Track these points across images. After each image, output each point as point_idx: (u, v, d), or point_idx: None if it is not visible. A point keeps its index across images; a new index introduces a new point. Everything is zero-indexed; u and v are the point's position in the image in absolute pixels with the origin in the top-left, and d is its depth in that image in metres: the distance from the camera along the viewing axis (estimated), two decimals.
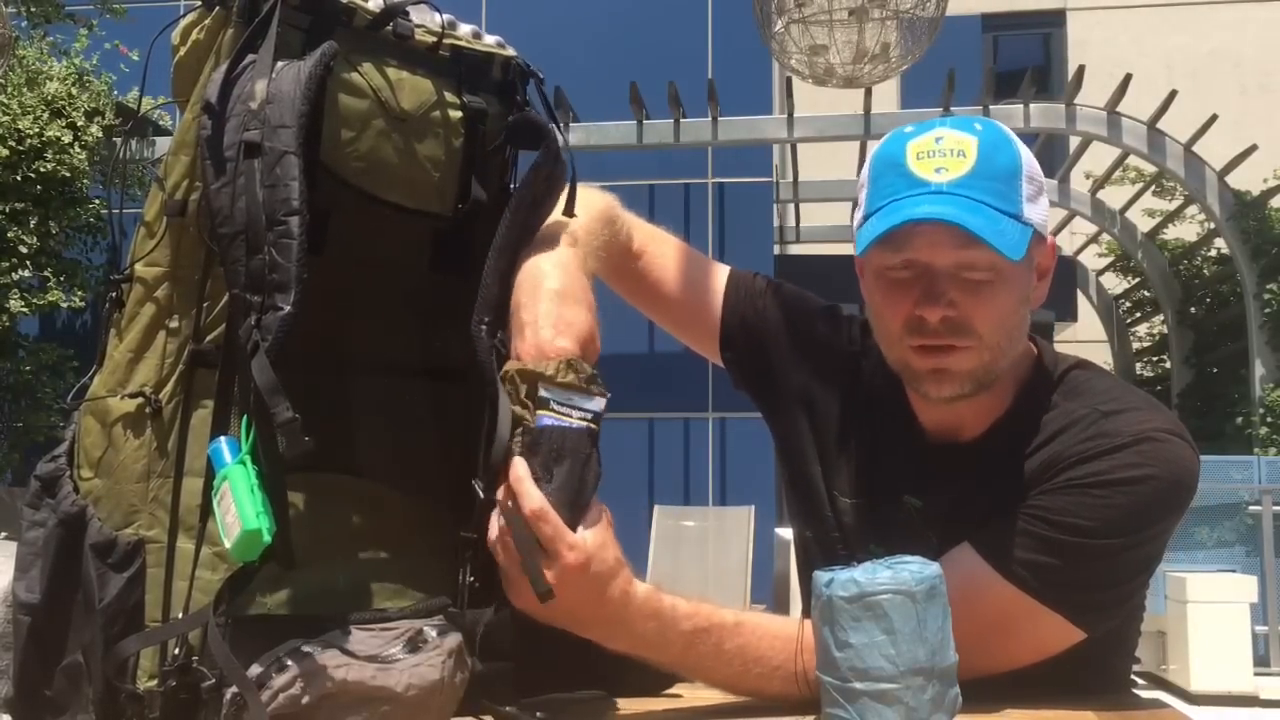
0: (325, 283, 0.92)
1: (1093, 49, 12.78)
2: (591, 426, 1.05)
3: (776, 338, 1.48)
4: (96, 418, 1.01)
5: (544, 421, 1.03)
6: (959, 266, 1.21)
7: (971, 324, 1.22)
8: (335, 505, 1.03)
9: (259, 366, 0.88)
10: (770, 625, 1.20)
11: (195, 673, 0.93)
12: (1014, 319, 1.25)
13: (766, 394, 1.50)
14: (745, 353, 1.49)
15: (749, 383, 1.52)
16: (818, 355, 1.46)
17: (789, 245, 11.49)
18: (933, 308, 1.21)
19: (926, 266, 1.22)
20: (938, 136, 1.24)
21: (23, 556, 1.01)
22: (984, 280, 1.22)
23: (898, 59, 6.39)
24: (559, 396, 1.03)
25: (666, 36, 8.84)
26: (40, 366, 7.94)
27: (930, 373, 1.25)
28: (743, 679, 1.20)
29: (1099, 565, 1.21)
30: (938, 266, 1.22)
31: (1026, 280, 1.27)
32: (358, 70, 1.02)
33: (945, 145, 1.23)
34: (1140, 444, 1.21)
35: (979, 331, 1.22)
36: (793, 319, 1.49)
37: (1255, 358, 8.58)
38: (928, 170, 1.22)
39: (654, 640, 1.13)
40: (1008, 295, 1.23)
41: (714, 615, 1.17)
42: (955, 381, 1.24)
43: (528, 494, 1.01)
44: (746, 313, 1.49)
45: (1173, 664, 6.91)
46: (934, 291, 1.21)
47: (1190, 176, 8.68)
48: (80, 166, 7.77)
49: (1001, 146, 1.23)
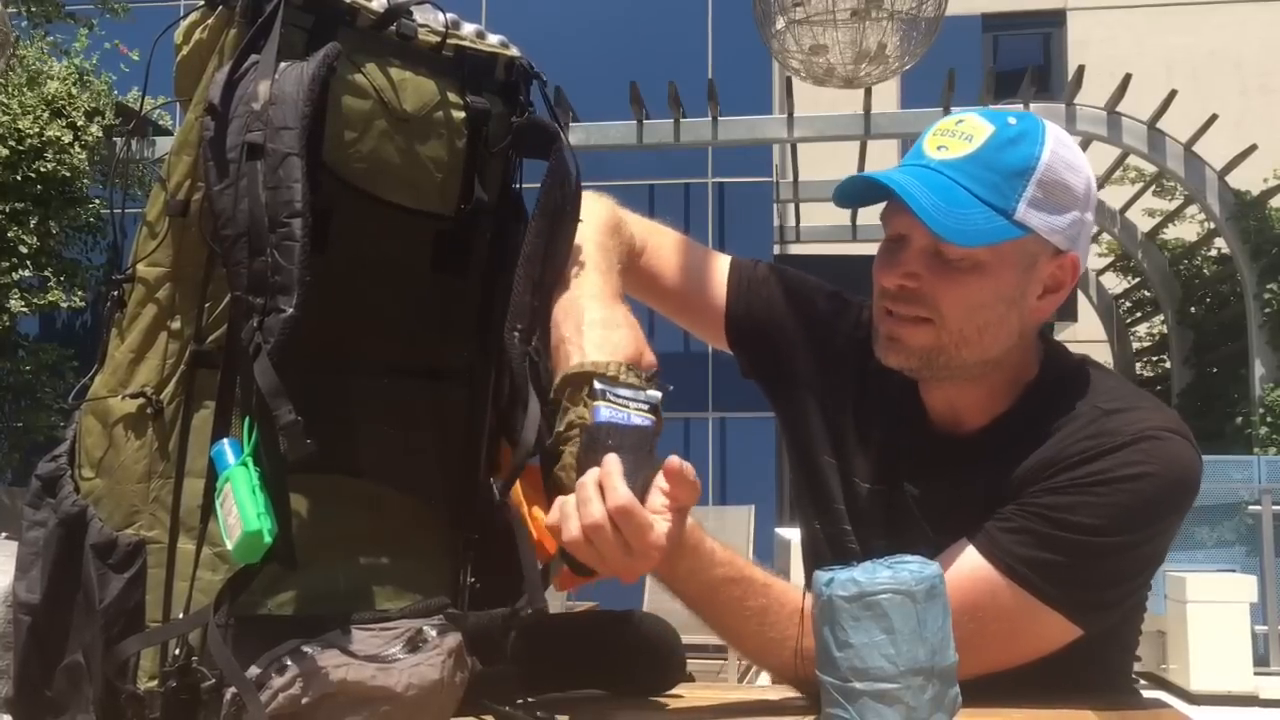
0: (327, 283, 0.92)
1: (1093, 49, 12.78)
2: (651, 419, 1.05)
3: (782, 323, 1.48)
4: (97, 418, 1.01)
5: (601, 415, 1.04)
6: (932, 245, 1.23)
7: (935, 300, 1.24)
8: (335, 506, 1.03)
9: (261, 369, 0.88)
10: (793, 596, 1.21)
11: (195, 673, 0.93)
12: (987, 313, 1.25)
13: (775, 380, 1.50)
14: (752, 340, 1.50)
15: (757, 370, 1.52)
16: (826, 339, 1.46)
17: (789, 245, 11.49)
18: (890, 273, 1.26)
19: (900, 239, 1.26)
20: (960, 119, 1.26)
21: (23, 556, 1.01)
22: (958, 264, 1.23)
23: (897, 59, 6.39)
24: (614, 390, 1.05)
25: (666, 36, 8.85)
26: (40, 366, 7.95)
27: (884, 338, 1.29)
28: (755, 639, 1.22)
29: (1100, 563, 1.21)
30: (909, 240, 1.25)
31: (1014, 281, 1.25)
32: (361, 70, 1.02)
33: (962, 128, 1.25)
34: (1142, 442, 1.21)
35: (941, 310, 1.24)
36: (798, 303, 1.49)
37: (1255, 358, 8.58)
38: (932, 147, 1.25)
39: (682, 575, 1.17)
40: (982, 286, 1.23)
41: (746, 569, 1.20)
42: (904, 353, 1.27)
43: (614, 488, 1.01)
44: (751, 299, 1.50)
45: (1173, 664, 6.91)
46: (895, 260, 1.26)
47: (1190, 176, 8.69)
48: (80, 166, 7.78)
49: (1023, 142, 1.23)
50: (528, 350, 1.09)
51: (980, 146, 1.22)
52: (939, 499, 1.30)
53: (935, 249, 1.23)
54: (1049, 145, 1.24)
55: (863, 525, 1.38)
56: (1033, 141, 1.23)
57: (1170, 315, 10.37)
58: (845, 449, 1.41)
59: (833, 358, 1.45)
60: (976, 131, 1.23)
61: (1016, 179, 1.22)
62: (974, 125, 1.24)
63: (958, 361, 1.27)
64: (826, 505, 1.42)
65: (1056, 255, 1.26)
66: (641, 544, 1.02)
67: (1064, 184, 1.24)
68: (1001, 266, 1.23)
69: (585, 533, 1.02)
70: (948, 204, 1.19)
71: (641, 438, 1.05)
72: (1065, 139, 1.27)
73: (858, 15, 6.22)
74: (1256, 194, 8.81)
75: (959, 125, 1.25)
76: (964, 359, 1.26)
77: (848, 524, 1.40)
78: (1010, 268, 1.24)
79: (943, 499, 1.30)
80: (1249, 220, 8.64)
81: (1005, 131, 1.23)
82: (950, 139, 1.24)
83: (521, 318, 1.10)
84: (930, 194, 1.19)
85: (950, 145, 1.23)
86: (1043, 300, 1.28)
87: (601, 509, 1.01)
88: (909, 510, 1.33)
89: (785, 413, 1.49)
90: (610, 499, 1.01)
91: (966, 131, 1.24)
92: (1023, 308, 1.27)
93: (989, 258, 1.22)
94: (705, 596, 1.19)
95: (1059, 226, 1.24)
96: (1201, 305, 10.45)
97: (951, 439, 1.33)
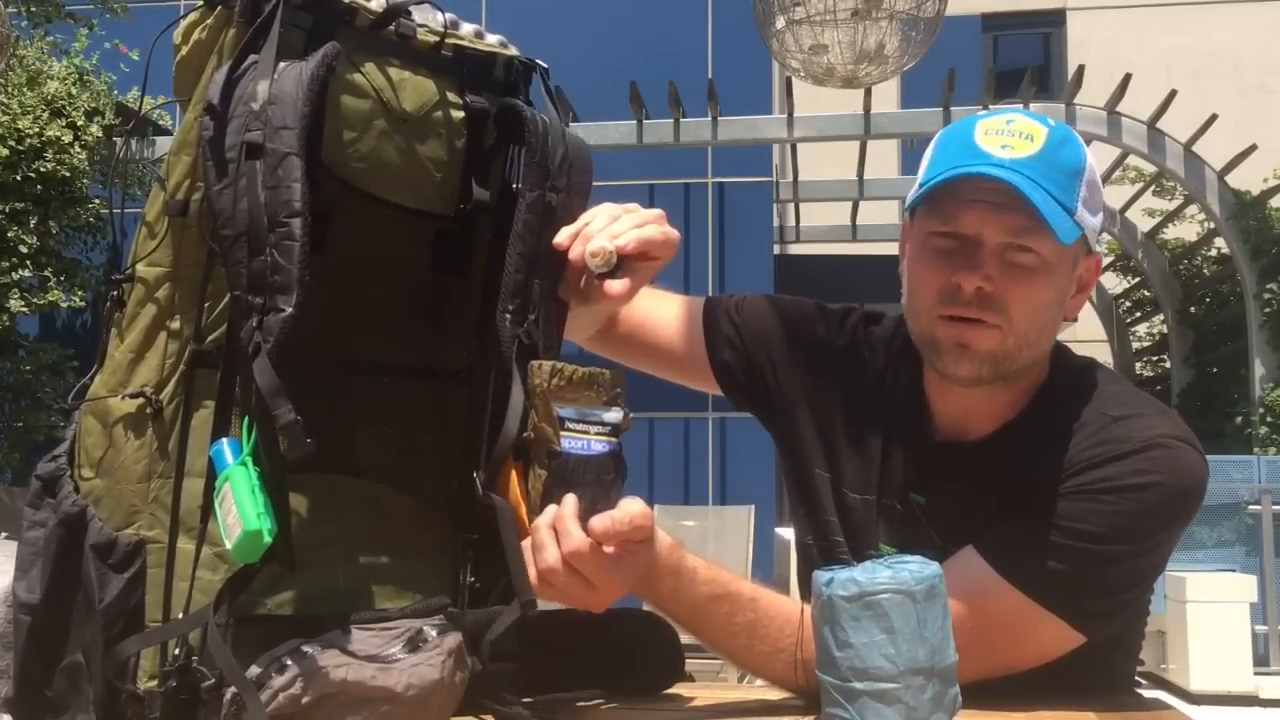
0: (326, 283, 0.92)
1: (1093, 49, 12.77)
2: (612, 444, 1.05)
3: (764, 346, 1.48)
4: (97, 418, 1.01)
5: (566, 446, 1.03)
6: (1005, 246, 1.22)
7: (1005, 303, 1.22)
8: (335, 506, 1.03)
9: (260, 368, 0.88)
10: (784, 607, 1.21)
11: (195, 673, 0.93)
12: (1047, 315, 1.25)
13: (766, 404, 1.49)
14: (738, 371, 1.49)
15: (748, 399, 1.51)
16: (813, 353, 1.46)
17: (789, 245, 11.48)
18: (970, 276, 1.21)
19: (973, 239, 1.22)
20: (1009, 119, 1.24)
21: (23, 556, 1.01)
22: (1027, 265, 1.22)
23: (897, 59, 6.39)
24: (575, 414, 1.04)
25: (666, 36, 8.84)
26: (40, 366, 7.94)
27: (953, 346, 1.24)
28: (746, 654, 1.22)
29: (1104, 571, 1.21)
30: (985, 240, 1.22)
31: (1067, 281, 1.26)
32: (360, 70, 1.02)
33: (1016, 128, 1.23)
34: (1149, 450, 1.20)
35: (1010, 313, 1.22)
36: (777, 322, 1.48)
37: (1255, 357, 8.58)
38: (994, 145, 1.22)
39: (666, 595, 1.16)
40: (1047, 287, 1.23)
41: (731, 585, 1.19)
42: (975, 360, 1.24)
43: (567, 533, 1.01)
44: (728, 332, 1.49)
45: (1173, 664, 6.91)
46: (975, 261, 1.21)
47: (1190, 176, 8.68)
48: (80, 166, 7.77)
49: (1070, 144, 1.24)
50: (517, 334, 1.07)
51: (1043, 147, 1.21)
52: (946, 507, 1.30)
53: (1005, 249, 1.22)
54: (1081, 144, 1.26)
55: (855, 536, 1.38)
56: (1075, 144, 1.25)
57: (1170, 315, 10.37)
58: (838, 460, 1.41)
59: (820, 370, 1.44)
60: (1032, 131, 1.23)
61: (1075, 179, 1.22)
62: (1027, 125, 1.23)
63: (1018, 364, 1.26)
64: (819, 518, 1.42)
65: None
66: (603, 580, 1.03)
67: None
68: (1061, 266, 1.24)
69: (542, 576, 1.02)
70: (1047, 204, 1.18)
71: (602, 468, 1.05)
72: None
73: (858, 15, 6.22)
74: (1256, 194, 8.80)
75: (1010, 125, 1.23)
76: (1023, 361, 1.26)
77: (839, 536, 1.39)
78: (1065, 267, 1.25)
79: (950, 507, 1.30)
80: (1249, 220, 8.64)
81: (1055, 133, 1.23)
82: (1011, 139, 1.22)
83: (514, 298, 1.07)
84: (1035, 194, 1.18)
85: (1014, 145, 1.21)
86: (1075, 299, 1.29)
87: (556, 554, 1.01)
88: (915, 519, 1.32)
89: (779, 433, 1.49)
90: (564, 544, 1.01)
91: (1024, 131, 1.22)
92: (1065, 307, 1.28)
93: (1054, 259, 1.22)
94: (692, 615, 1.19)
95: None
96: (1201, 305, 10.44)
97: (959, 447, 1.33)
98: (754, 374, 1.48)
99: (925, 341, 1.29)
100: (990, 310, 1.22)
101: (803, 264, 10.84)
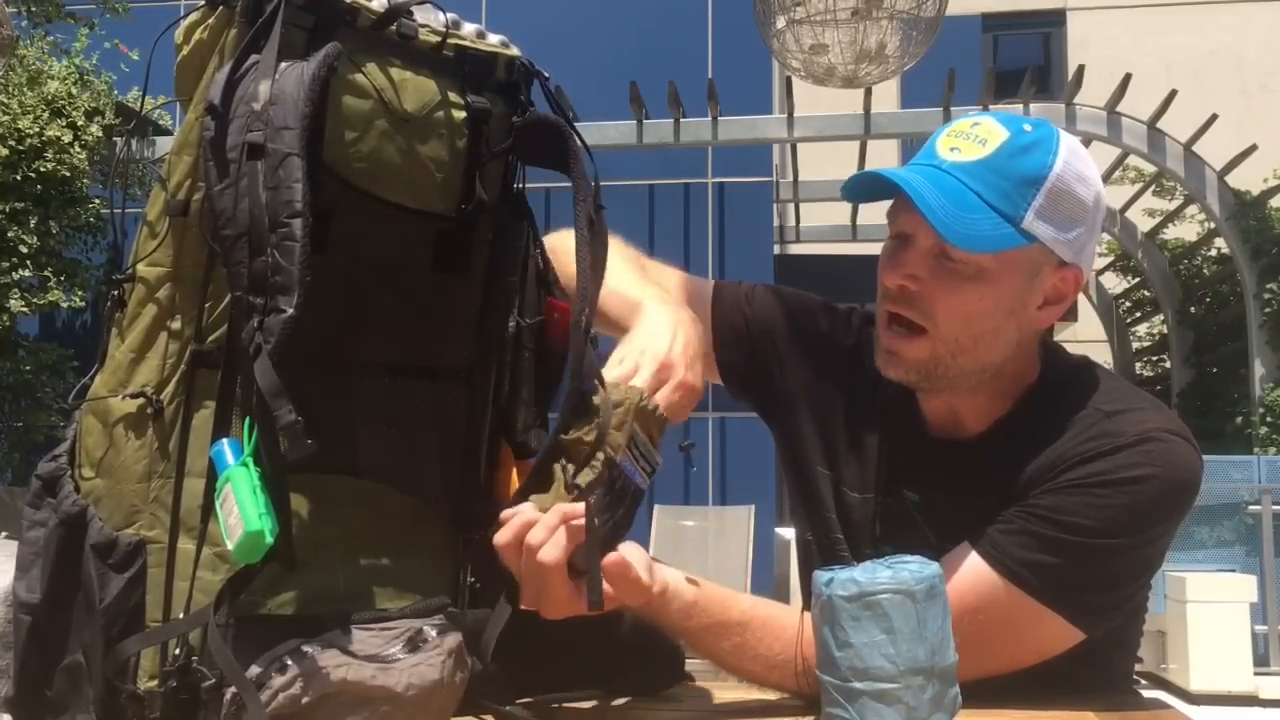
0: (327, 283, 0.92)
1: (1093, 49, 12.78)
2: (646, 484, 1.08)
3: (770, 339, 1.48)
4: (98, 418, 1.01)
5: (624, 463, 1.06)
6: (936, 250, 1.22)
7: (931, 306, 1.23)
8: (335, 506, 1.03)
9: (261, 369, 0.88)
10: (774, 624, 1.21)
11: (195, 673, 0.93)
12: (985, 322, 1.24)
13: (766, 398, 1.49)
14: (740, 360, 1.49)
15: (747, 390, 1.51)
16: (816, 350, 1.46)
17: (789, 245, 11.49)
18: (890, 273, 1.25)
19: (906, 239, 1.25)
20: (975, 122, 1.25)
21: (23, 556, 1.01)
22: (960, 272, 1.22)
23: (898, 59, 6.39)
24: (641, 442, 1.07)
25: (666, 36, 8.84)
26: (40, 366, 7.94)
27: (884, 351, 1.28)
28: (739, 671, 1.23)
29: (1101, 566, 1.21)
30: (915, 240, 1.24)
31: (1016, 290, 1.25)
32: (361, 70, 1.02)
33: (977, 130, 1.24)
34: (1144, 444, 1.21)
35: (936, 317, 1.23)
36: (785, 317, 1.49)
37: (1255, 357, 8.58)
38: (944, 148, 1.24)
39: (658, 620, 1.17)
40: (982, 294, 1.23)
41: (719, 614, 1.19)
42: (903, 367, 1.27)
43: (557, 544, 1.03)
44: (735, 320, 1.49)
45: (1173, 664, 6.91)
46: (898, 259, 1.25)
47: (1190, 176, 8.68)
48: (80, 166, 7.77)
49: (1036, 153, 1.22)
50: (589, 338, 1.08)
51: (993, 151, 1.21)
52: (942, 505, 1.30)
53: (939, 252, 1.22)
54: (1062, 156, 1.23)
55: (855, 534, 1.38)
56: (1046, 151, 1.23)
57: (1170, 315, 10.37)
58: (838, 458, 1.41)
59: (824, 368, 1.45)
60: (991, 136, 1.22)
61: (1027, 187, 1.21)
62: (989, 129, 1.23)
63: (955, 371, 1.26)
64: (819, 515, 1.42)
65: (1061, 266, 1.26)
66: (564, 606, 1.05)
67: (1073, 195, 1.23)
68: (1004, 275, 1.23)
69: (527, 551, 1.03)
70: (956, 207, 1.18)
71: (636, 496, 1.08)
72: (1080, 151, 1.26)
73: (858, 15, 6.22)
74: (1256, 194, 8.80)
75: (974, 128, 1.24)
76: (961, 368, 1.26)
77: (839, 533, 1.40)
78: (1013, 276, 1.23)
79: (945, 505, 1.30)
80: (1249, 220, 8.64)
81: (1020, 138, 1.22)
82: (964, 141, 1.23)
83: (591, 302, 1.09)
84: (940, 195, 1.19)
85: (964, 148, 1.22)
86: (1043, 310, 1.27)
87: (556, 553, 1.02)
88: (911, 518, 1.32)
89: (779, 427, 1.49)
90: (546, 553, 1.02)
91: (981, 135, 1.23)
92: (1022, 317, 1.26)
93: (993, 265, 1.22)
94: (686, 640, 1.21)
95: (1065, 238, 1.23)
96: (1201, 305, 10.44)
97: (953, 444, 1.33)
98: (757, 369, 1.48)
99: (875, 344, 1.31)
100: (915, 310, 1.24)
101: (803, 264, 10.84)
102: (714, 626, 1.18)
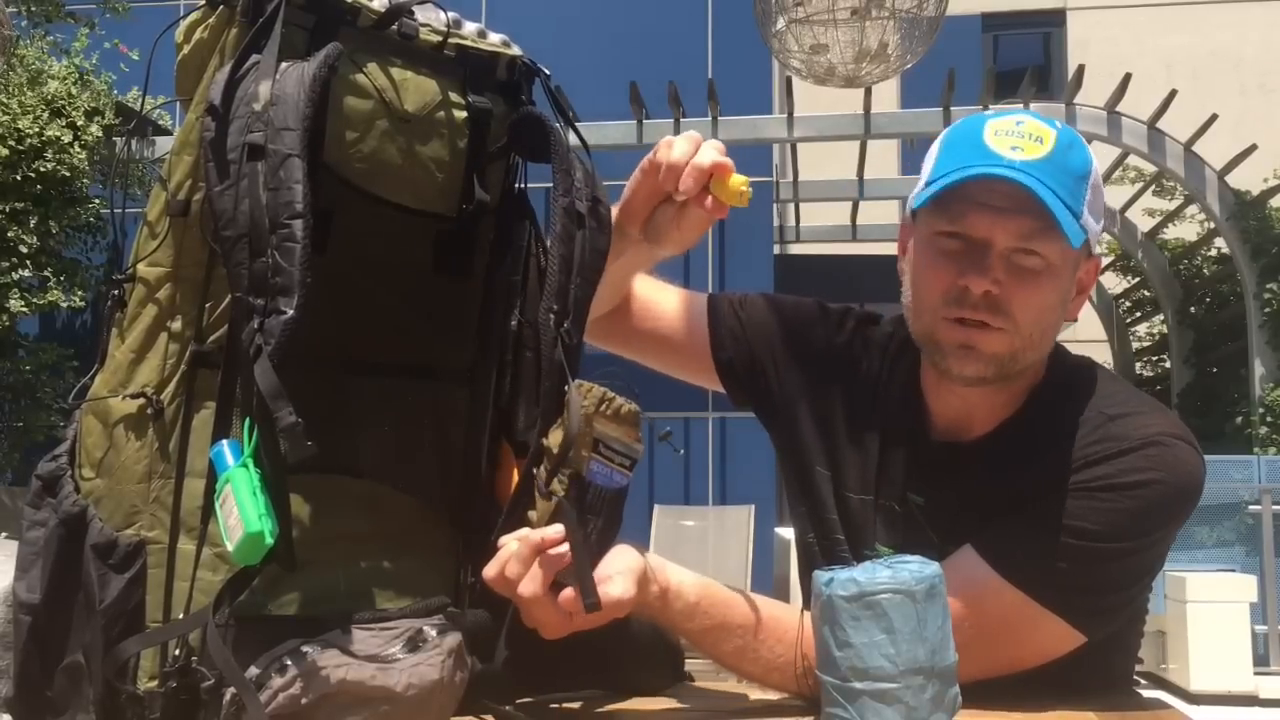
0: (328, 284, 0.92)
1: (1093, 49, 12.77)
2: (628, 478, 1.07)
3: (766, 343, 1.48)
4: (98, 418, 1.01)
5: (594, 469, 1.05)
6: (1012, 250, 1.21)
7: (1010, 307, 1.22)
8: (335, 506, 1.03)
9: (261, 370, 0.88)
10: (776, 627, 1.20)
11: (195, 673, 0.93)
12: (1051, 316, 1.25)
13: (765, 402, 1.49)
14: (740, 360, 1.49)
15: (748, 395, 1.51)
16: (813, 353, 1.46)
17: (789, 245, 11.48)
18: (979, 279, 1.21)
19: (981, 242, 1.22)
20: (1019, 120, 1.24)
21: (23, 556, 1.01)
22: (1033, 268, 1.22)
23: (898, 58, 6.39)
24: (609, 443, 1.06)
25: (666, 36, 8.84)
26: (40, 366, 7.94)
27: (959, 348, 1.24)
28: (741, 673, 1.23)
29: (1103, 569, 1.21)
30: (994, 243, 1.22)
31: (1070, 284, 1.27)
32: (362, 70, 1.02)
33: (1025, 129, 1.23)
34: (1147, 448, 1.21)
35: (1016, 317, 1.22)
36: (780, 319, 1.49)
37: (1255, 357, 8.58)
38: (1003, 147, 1.21)
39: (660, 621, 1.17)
40: (1052, 290, 1.24)
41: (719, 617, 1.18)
42: (981, 361, 1.24)
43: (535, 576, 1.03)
44: (731, 323, 1.50)
45: (1173, 664, 6.90)
46: (984, 265, 1.21)
47: (1190, 176, 8.68)
48: (80, 166, 7.77)
49: (1077, 147, 1.24)
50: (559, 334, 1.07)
51: (1052, 149, 1.21)
52: (945, 507, 1.30)
53: (1011, 253, 1.22)
54: (1087, 147, 1.25)
55: (856, 536, 1.38)
56: (1081, 145, 1.25)
57: (1170, 315, 10.37)
58: (838, 460, 1.41)
59: (820, 369, 1.45)
60: (1042, 133, 1.22)
61: (1080, 183, 1.22)
62: (1036, 127, 1.23)
63: (1021, 365, 1.26)
64: (820, 516, 1.42)
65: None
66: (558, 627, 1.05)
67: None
68: (1064, 270, 1.24)
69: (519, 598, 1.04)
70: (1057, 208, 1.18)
71: (616, 502, 1.07)
72: None
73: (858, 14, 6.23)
74: (1256, 194, 8.80)
75: (1020, 126, 1.23)
76: (1026, 362, 1.27)
77: (840, 534, 1.40)
78: (1067, 269, 1.25)
79: (949, 507, 1.30)
80: (1249, 220, 8.64)
81: (1064, 135, 1.23)
82: (1020, 140, 1.21)
83: (557, 299, 1.07)
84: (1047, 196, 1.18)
85: (1025, 147, 1.21)
86: (1074, 301, 1.29)
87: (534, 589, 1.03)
88: (914, 520, 1.32)
89: (778, 428, 1.49)
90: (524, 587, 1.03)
91: (1033, 133, 1.22)
92: (1065, 309, 1.28)
93: (1059, 262, 1.22)
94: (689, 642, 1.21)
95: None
96: (1201, 305, 10.44)
97: (956, 446, 1.33)
98: (756, 371, 1.49)
99: (928, 341, 1.28)
100: (996, 313, 1.22)
101: (803, 264, 10.84)
102: (716, 629, 1.18)
